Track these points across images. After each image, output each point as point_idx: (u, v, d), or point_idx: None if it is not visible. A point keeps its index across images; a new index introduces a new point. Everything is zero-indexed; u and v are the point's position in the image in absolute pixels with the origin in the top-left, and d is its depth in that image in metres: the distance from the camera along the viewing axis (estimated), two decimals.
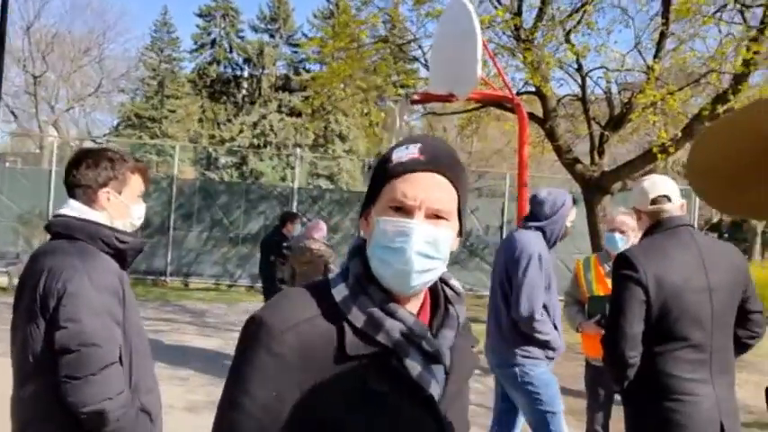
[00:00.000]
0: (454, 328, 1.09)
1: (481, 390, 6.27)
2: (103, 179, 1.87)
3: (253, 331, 1.00)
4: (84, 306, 1.69)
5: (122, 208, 1.91)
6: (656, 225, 2.40)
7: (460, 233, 1.10)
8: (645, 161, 8.06)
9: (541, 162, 17.32)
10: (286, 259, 6.67)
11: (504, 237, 3.57)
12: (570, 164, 8.60)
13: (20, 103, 31.57)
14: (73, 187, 1.87)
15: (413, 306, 1.07)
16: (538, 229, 3.30)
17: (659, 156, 7.40)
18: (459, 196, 1.06)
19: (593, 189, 8.34)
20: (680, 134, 7.38)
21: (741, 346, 2.42)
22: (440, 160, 1.05)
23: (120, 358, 1.76)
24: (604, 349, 2.37)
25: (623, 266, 2.27)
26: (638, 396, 2.31)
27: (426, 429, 1.04)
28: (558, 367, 6.96)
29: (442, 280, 1.14)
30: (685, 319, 2.20)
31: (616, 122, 8.71)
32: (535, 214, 3.33)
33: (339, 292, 1.04)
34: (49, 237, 1.87)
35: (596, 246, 7.82)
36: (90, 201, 1.86)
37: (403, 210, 1.02)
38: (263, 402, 0.97)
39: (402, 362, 1.01)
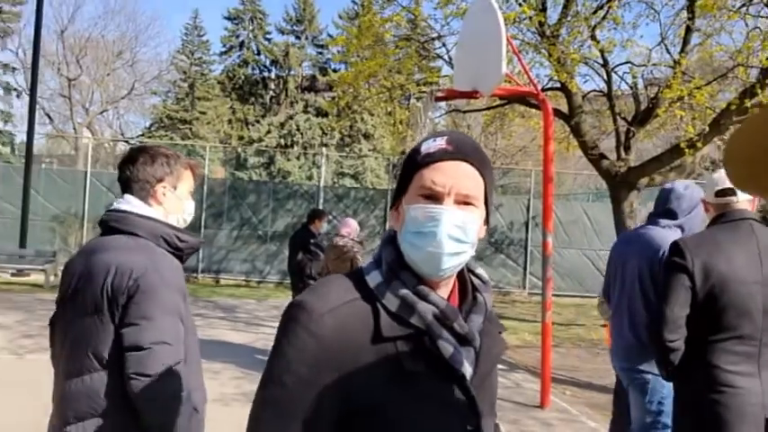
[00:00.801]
0: (482, 313, 1.14)
1: (508, 384, 6.32)
2: (160, 174, 1.88)
3: (294, 314, 1.04)
4: (157, 304, 1.68)
5: (177, 203, 1.93)
6: (719, 217, 2.43)
7: (487, 221, 1.13)
8: (672, 156, 7.90)
9: (567, 158, 17.15)
10: (314, 255, 6.82)
11: (620, 235, 3.31)
12: (596, 160, 8.52)
13: (55, 106, 32.52)
14: (129, 183, 1.86)
15: (443, 292, 1.11)
16: (677, 227, 3.05)
17: (687, 151, 7.26)
18: (485, 185, 1.10)
19: (620, 185, 8.26)
20: (707, 129, 7.23)
21: None
22: (467, 150, 1.09)
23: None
24: (648, 333, 2.41)
25: (673, 254, 2.31)
26: (682, 386, 2.31)
27: (459, 407, 1.08)
28: (584, 362, 6.96)
29: (469, 269, 1.18)
30: (733, 310, 2.19)
31: (642, 118, 8.60)
32: (672, 210, 3.08)
33: (373, 279, 1.08)
34: (90, 232, 1.88)
35: None
36: (147, 196, 1.87)
37: (433, 197, 1.07)
38: (306, 378, 1.00)
39: (435, 343, 1.04)
